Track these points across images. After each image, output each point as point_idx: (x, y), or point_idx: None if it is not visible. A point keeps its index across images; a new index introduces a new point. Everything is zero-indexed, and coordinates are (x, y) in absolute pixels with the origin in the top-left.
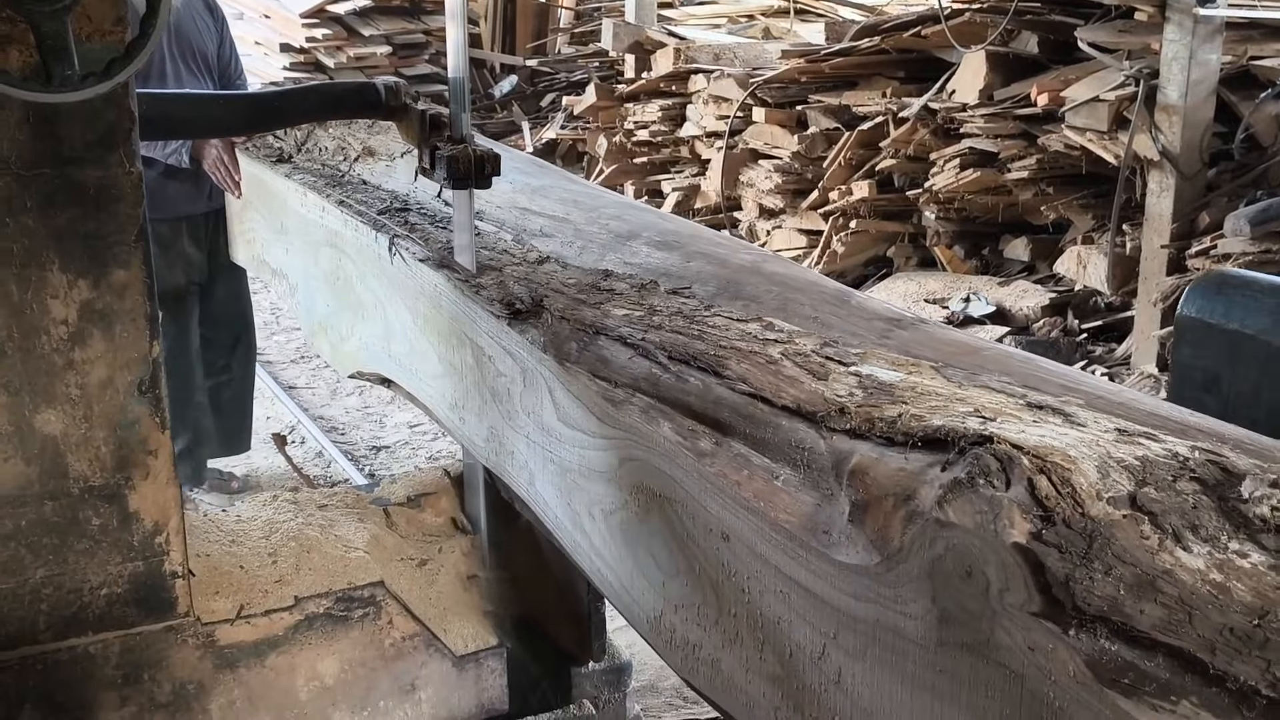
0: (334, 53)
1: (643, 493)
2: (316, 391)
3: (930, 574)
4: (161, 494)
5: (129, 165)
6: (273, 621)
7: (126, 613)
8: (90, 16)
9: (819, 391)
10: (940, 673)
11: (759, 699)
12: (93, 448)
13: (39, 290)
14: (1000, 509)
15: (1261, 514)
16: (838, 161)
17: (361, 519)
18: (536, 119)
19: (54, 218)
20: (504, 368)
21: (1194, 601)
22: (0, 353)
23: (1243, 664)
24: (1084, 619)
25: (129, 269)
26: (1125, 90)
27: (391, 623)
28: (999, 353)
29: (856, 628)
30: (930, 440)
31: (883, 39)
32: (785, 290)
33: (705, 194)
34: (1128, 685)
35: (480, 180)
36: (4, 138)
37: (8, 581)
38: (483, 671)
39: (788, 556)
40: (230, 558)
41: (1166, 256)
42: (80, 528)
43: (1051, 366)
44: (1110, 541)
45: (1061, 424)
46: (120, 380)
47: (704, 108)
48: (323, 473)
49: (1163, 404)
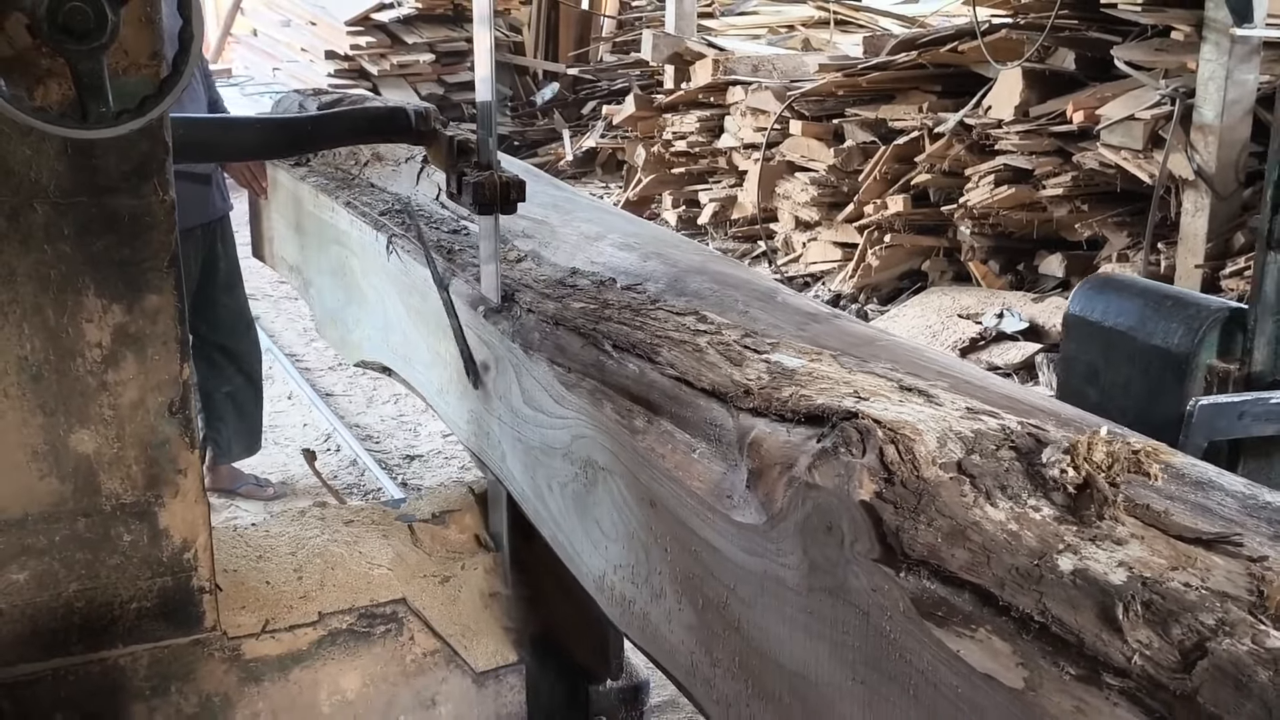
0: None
1: (590, 466)
2: (353, 399)
3: (802, 530)
4: (190, 512)
5: (163, 194)
6: (297, 637)
7: (155, 626)
8: (126, 51)
9: (733, 376)
10: (810, 614)
11: (679, 646)
12: (124, 466)
13: (74, 314)
14: (853, 472)
15: (1054, 475)
16: (873, 175)
17: (386, 535)
18: (577, 127)
19: (90, 244)
20: (479, 354)
21: (992, 546)
22: (37, 375)
23: (1024, 597)
24: (910, 563)
25: (161, 294)
26: (1161, 109)
27: (413, 639)
28: (892, 343)
29: (750, 580)
30: (813, 416)
31: (919, 54)
32: (724, 287)
33: (742, 205)
34: (941, 617)
35: (506, 206)
36: (43, 168)
37: (42, 594)
38: (502, 688)
39: (700, 519)
40: (257, 573)
41: (1201, 276)
42: (112, 544)
43: (935, 355)
44: (935, 499)
45: (922, 403)
46: (151, 401)
47: (742, 119)
48: (356, 480)
49: (1018, 388)
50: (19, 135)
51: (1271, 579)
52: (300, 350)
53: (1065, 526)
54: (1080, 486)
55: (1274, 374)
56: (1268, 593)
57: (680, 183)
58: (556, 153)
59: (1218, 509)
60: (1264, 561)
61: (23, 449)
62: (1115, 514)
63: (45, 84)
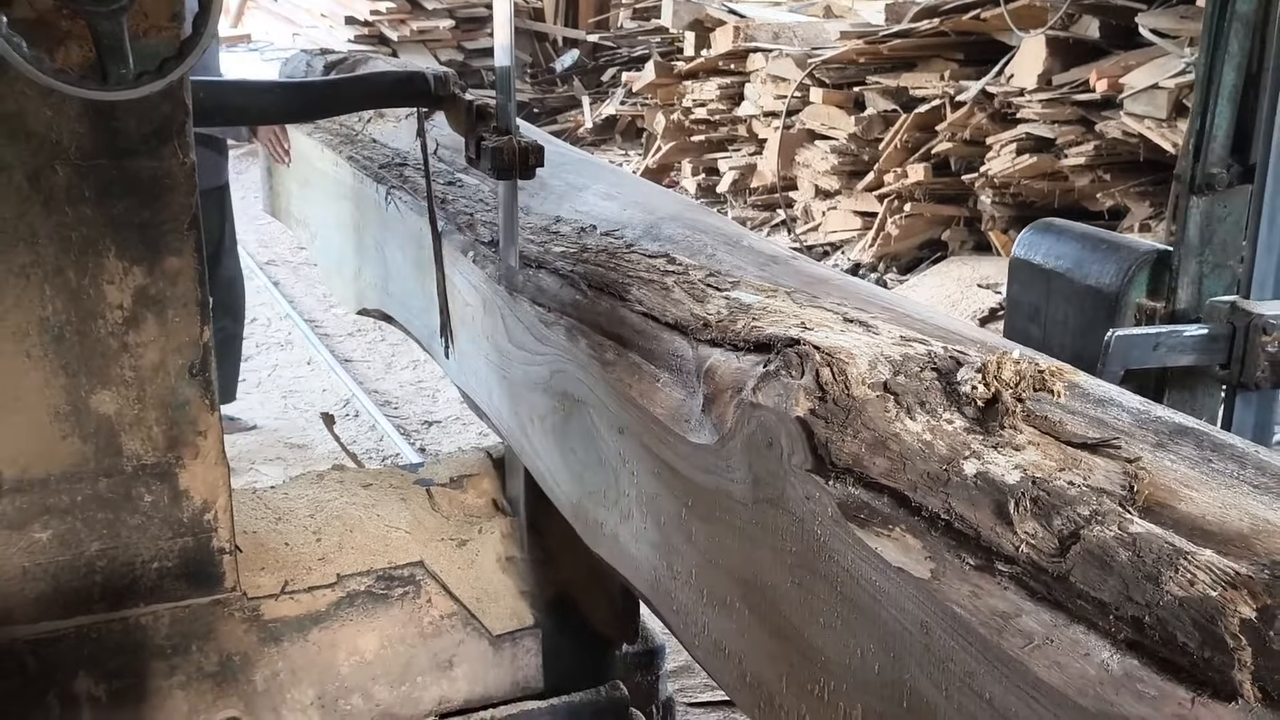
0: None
1: (567, 399)
2: (372, 365)
3: (747, 446)
4: (211, 473)
5: (183, 156)
6: (316, 598)
7: (176, 586)
8: (146, 13)
9: (695, 311)
10: (755, 524)
11: (643, 562)
12: (145, 427)
13: (96, 276)
14: (792, 392)
15: (967, 391)
16: (894, 144)
17: (404, 499)
18: (597, 94)
19: (111, 207)
20: (469, 298)
21: (909, 455)
22: (59, 336)
23: (933, 498)
24: (838, 471)
25: (181, 256)
26: (1185, 78)
27: (430, 601)
28: (845, 282)
29: (704, 496)
30: (761, 345)
31: (942, 21)
32: (694, 233)
33: (761, 173)
34: (863, 519)
35: (524, 171)
36: (64, 130)
37: (65, 554)
38: (518, 651)
39: (661, 443)
40: (276, 535)
41: None
42: (133, 504)
43: (882, 293)
44: (861, 414)
45: (860, 332)
46: (172, 363)
47: (762, 87)
48: (375, 445)
49: (956, 322)
50: (40, 97)
51: (1143, 476)
52: (319, 316)
53: (973, 436)
54: (989, 401)
55: (1196, 311)
56: (1137, 488)
57: (700, 150)
58: (576, 120)
59: (1112, 421)
60: (1138, 462)
61: (45, 409)
62: (1015, 424)
63: (66, 46)
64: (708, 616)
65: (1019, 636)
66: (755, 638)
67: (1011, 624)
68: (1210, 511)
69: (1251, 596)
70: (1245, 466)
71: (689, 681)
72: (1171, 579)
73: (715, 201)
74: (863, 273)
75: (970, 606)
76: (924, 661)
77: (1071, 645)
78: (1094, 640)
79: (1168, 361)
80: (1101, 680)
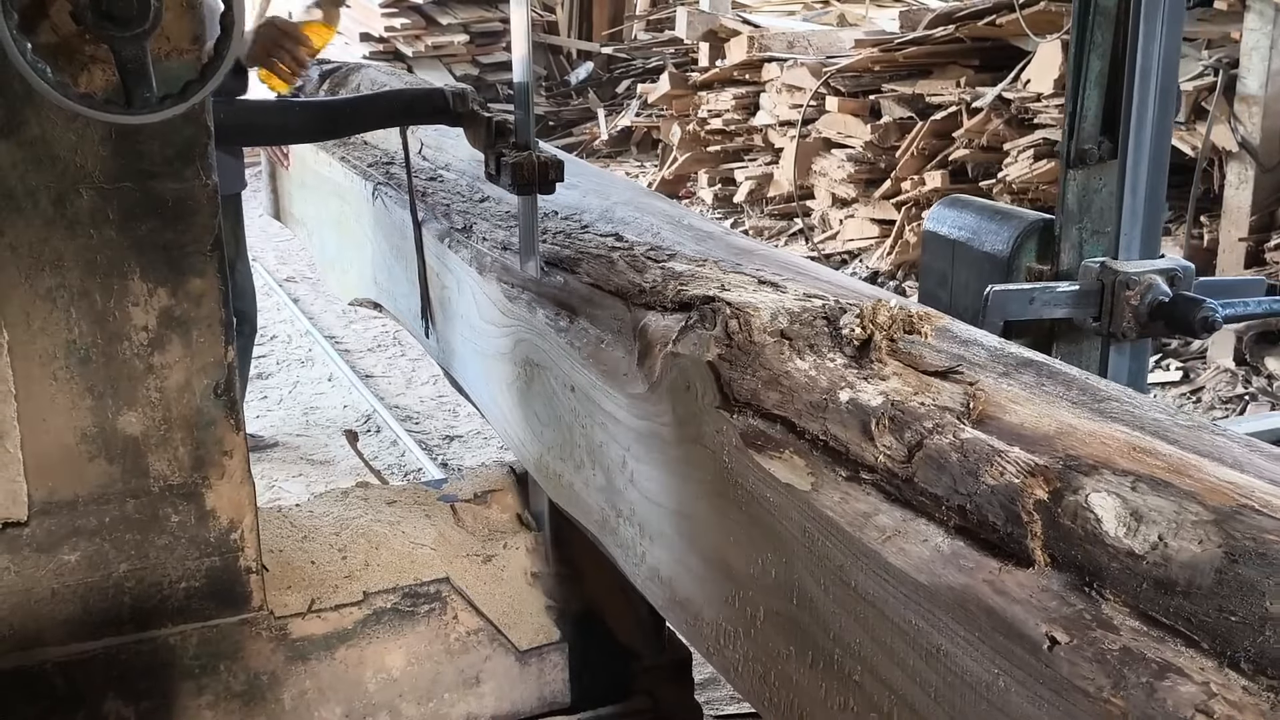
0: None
1: (529, 365)
2: (392, 380)
3: (671, 391)
4: (237, 493)
5: (205, 178)
6: (342, 616)
7: (204, 606)
8: (169, 36)
9: (634, 279)
10: (683, 461)
11: (594, 506)
12: (171, 448)
13: (121, 298)
14: (704, 341)
15: (847, 334)
16: (910, 151)
17: (429, 515)
18: (612, 105)
19: (135, 229)
20: (447, 281)
21: (796, 388)
22: (85, 358)
23: (814, 423)
24: (740, 405)
25: (205, 277)
26: (1204, 80)
27: (456, 618)
28: (769, 253)
29: (641, 440)
30: (686, 304)
31: (957, 28)
32: (643, 215)
33: (778, 183)
34: (760, 445)
35: (545, 186)
36: (88, 154)
37: (93, 575)
38: (545, 666)
39: (605, 396)
40: (302, 554)
41: (1245, 249)
42: (160, 524)
43: (802, 262)
44: (760, 356)
45: (770, 291)
46: (197, 384)
47: (777, 96)
48: (397, 461)
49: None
50: (64, 121)
51: (979, 395)
52: (339, 332)
53: (849, 370)
54: (864, 341)
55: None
56: (973, 405)
57: (716, 161)
58: (591, 132)
59: (971, 357)
60: (976, 385)
61: (72, 431)
62: (883, 359)
63: (89, 70)
64: (645, 547)
65: (876, 531)
66: (683, 562)
67: (870, 521)
68: (1028, 420)
69: (1045, 482)
70: (1070, 389)
71: (714, 694)
72: (987, 472)
73: (732, 212)
74: (881, 280)
75: (840, 510)
76: (807, 561)
77: (914, 534)
78: (931, 528)
79: (1044, 314)
80: (934, 560)
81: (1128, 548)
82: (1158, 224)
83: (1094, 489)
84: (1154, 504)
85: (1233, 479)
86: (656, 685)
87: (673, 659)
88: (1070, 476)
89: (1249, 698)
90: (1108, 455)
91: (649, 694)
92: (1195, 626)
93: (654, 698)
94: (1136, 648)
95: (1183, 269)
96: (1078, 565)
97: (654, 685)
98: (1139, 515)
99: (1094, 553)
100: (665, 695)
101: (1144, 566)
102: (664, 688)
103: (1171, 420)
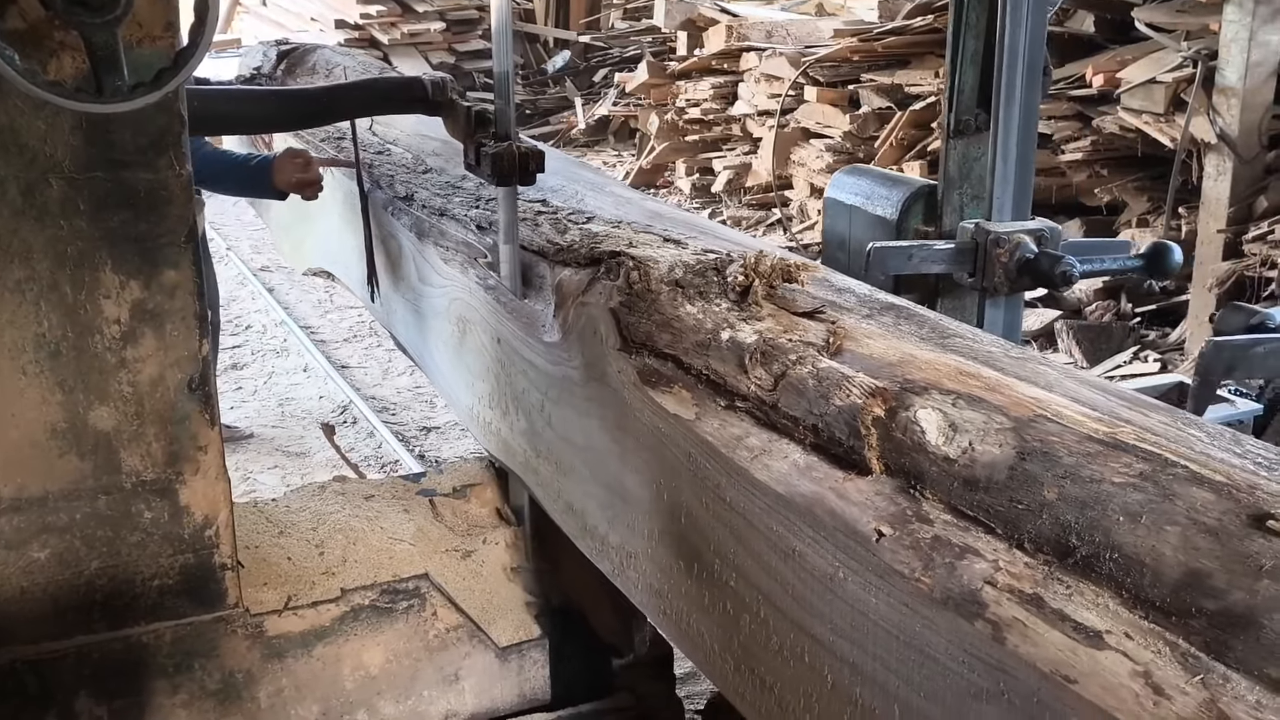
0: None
1: (462, 321)
2: (369, 371)
3: (580, 337)
4: (211, 489)
5: (179, 168)
6: (320, 613)
7: (178, 603)
8: (140, 23)
9: (554, 239)
10: (589, 400)
11: (518, 449)
12: (144, 443)
13: (92, 291)
14: (608, 291)
15: (731, 283)
16: (889, 141)
17: (407, 510)
18: (589, 94)
19: (106, 220)
20: (390, 247)
21: (685, 330)
22: (55, 352)
23: (699, 360)
24: (637, 347)
25: (179, 269)
26: (1183, 72)
27: (436, 614)
28: (679, 215)
29: (555, 384)
30: (597, 260)
31: (935, 17)
32: (570, 183)
33: (756, 173)
34: (653, 381)
35: (525, 177)
36: (58, 142)
37: (64, 573)
38: (525, 662)
39: (526, 346)
40: (278, 550)
41: (1223, 241)
42: (133, 521)
43: (708, 224)
44: (656, 302)
45: (673, 248)
46: (171, 378)
47: (756, 86)
48: (374, 453)
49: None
50: (34, 110)
51: (840, 332)
52: (315, 322)
53: (731, 313)
54: (746, 288)
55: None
56: (833, 340)
57: (694, 150)
58: (569, 121)
59: (842, 302)
60: (838, 323)
61: (42, 426)
62: (761, 303)
63: (59, 57)
64: (560, 483)
65: (746, 451)
66: (590, 493)
67: (742, 443)
68: (878, 352)
69: (883, 401)
70: (923, 327)
71: (696, 689)
72: (836, 395)
73: (710, 201)
74: None
75: (717, 435)
76: (691, 483)
77: (777, 452)
78: (790, 447)
79: (922, 269)
80: (791, 473)
81: (944, 454)
82: (1028, 188)
83: (922, 406)
84: (968, 416)
85: (1037, 395)
86: (638, 682)
87: (654, 655)
88: (904, 397)
89: (1028, 570)
90: (938, 378)
91: (630, 690)
92: (992, 516)
93: (636, 694)
94: (945, 536)
95: (1050, 230)
96: (906, 471)
97: (635, 682)
98: (955, 426)
99: (919, 460)
100: (647, 692)
101: (956, 468)
102: (645, 684)
103: (1003, 352)
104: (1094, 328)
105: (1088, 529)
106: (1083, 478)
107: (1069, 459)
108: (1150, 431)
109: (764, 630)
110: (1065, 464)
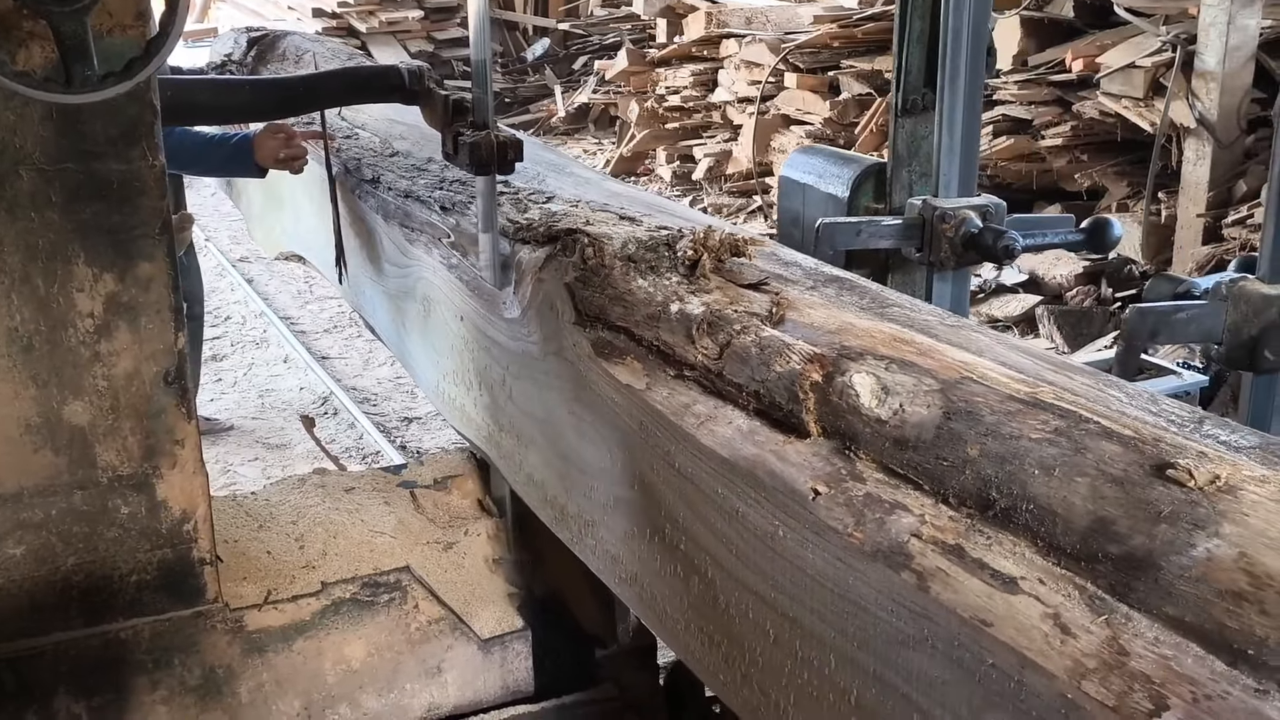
0: (366, 17)
1: (425, 300)
2: (349, 361)
3: (538, 312)
4: (189, 483)
5: (152, 159)
6: (300, 607)
7: (156, 599)
8: (110, 12)
9: (515, 218)
10: (547, 374)
11: (481, 424)
12: (120, 438)
13: (65, 284)
14: (564, 266)
15: (681, 257)
16: (869, 127)
17: (388, 502)
18: (569, 82)
19: (79, 212)
20: (358, 229)
21: (636, 303)
22: (28, 346)
23: (650, 332)
24: (591, 320)
25: (153, 261)
26: (1162, 56)
27: (417, 607)
28: (635, 194)
29: (515, 359)
30: (554, 237)
31: None
32: (533, 164)
33: (737, 160)
34: (607, 353)
35: (503, 166)
36: (28, 133)
37: (40, 569)
38: (508, 654)
39: (488, 323)
40: (258, 544)
41: (1202, 225)
42: (109, 516)
43: (665, 202)
44: (609, 277)
45: (628, 225)
46: (146, 371)
47: (736, 73)
48: (355, 444)
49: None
50: (3, 101)
51: (782, 303)
52: (295, 313)
53: (680, 286)
54: (695, 262)
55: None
56: (775, 311)
57: (674, 138)
58: (548, 109)
59: (788, 275)
60: (782, 294)
61: (15, 422)
62: (708, 275)
63: (27, 47)
64: (521, 455)
65: (693, 418)
66: (550, 463)
67: (689, 410)
68: (818, 321)
69: (820, 367)
70: (864, 298)
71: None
72: (777, 362)
73: (691, 189)
74: None
75: (666, 403)
76: (644, 451)
77: (722, 418)
78: (735, 413)
79: (871, 245)
80: (735, 437)
81: (877, 415)
82: (973, 165)
83: (857, 371)
84: (899, 379)
85: (966, 359)
86: (621, 672)
87: (637, 645)
88: (841, 362)
89: (951, 523)
90: (874, 345)
91: (614, 681)
92: (920, 473)
93: (619, 685)
94: (876, 493)
95: (994, 206)
96: (842, 433)
97: (619, 672)
98: (887, 389)
99: (853, 422)
100: (631, 682)
101: (887, 429)
102: (629, 674)
103: (939, 320)
104: (1075, 313)
105: (1006, 482)
106: (1003, 434)
107: (991, 418)
108: (1070, 391)
109: (711, 590)
110: (987, 422)
